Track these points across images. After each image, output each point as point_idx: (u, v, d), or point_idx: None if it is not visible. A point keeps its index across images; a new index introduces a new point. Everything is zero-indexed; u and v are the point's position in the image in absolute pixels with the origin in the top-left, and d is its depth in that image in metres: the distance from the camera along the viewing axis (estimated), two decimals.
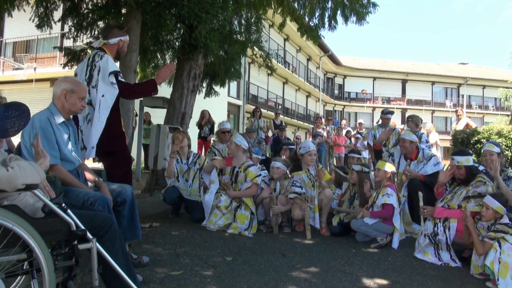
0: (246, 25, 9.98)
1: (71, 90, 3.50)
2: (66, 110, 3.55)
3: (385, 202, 5.26)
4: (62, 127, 3.51)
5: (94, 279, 2.64)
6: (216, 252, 4.62)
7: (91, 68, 4.29)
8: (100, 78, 4.22)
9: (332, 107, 44.83)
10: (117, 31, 4.55)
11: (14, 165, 2.37)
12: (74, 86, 3.54)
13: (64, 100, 3.49)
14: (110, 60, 4.32)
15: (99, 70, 4.24)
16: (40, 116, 3.40)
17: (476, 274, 4.19)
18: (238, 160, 6.10)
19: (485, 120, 42.82)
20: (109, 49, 4.46)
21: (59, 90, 3.49)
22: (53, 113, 3.47)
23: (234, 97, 25.57)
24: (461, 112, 12.95)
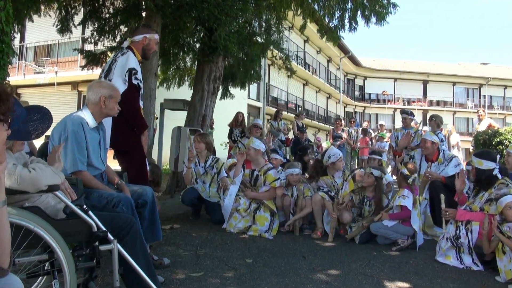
0: (266, 27, 9.99)
1: (109, 96, 3.53)
2: (103, 114, 3.58)
3: (400, 204, 5.21)
4: (94, 131, 3.53)
5: (115, 280, 2.66)
6: (236, 254, 4.62)
7: (111, 63, 4.33)
8: (116, 72, 4.22)
9: (352, 109, 44.59)
10: (142, 29, 4.58)
11: (35, 166, 2.40)
12: (111, 91, 3.57)
13: (104, 106, 3.51)
14: (131, 56, 4.31)
15: (116, 64, 4.24)
16: (73, 119, 3.40)
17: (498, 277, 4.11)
18: (257, 164, 6.10)
19: (507, 121, 42.08)
20: (136, 47, 4.47)
21: (97, 96, 3.50)
22: (86, 117, 3.49)
23: (254, 99, 25.61)
24: (483, 113, 12.78)
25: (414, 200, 5.27)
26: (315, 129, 33.26)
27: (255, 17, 9.52)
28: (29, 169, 2.36)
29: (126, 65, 4.22)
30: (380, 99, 45.81)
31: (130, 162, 4.40)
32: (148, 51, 4.61)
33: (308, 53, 33.25)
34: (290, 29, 25.54)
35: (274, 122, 12.77)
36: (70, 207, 2.56)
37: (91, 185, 3.38)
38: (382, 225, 5.22)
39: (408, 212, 5.17)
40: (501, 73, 46.92)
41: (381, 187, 5.65)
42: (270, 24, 10.02)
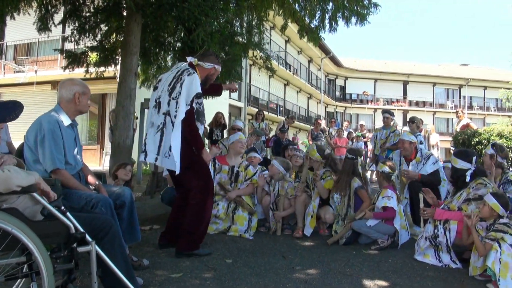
0: (247, 27, 9.98)
1: (83, 93, 3.60)
2: (77, 111, 3.63)
3: (386, 205, 5.24)
4: (69, 129, 3.56)
5: (94, 282, 2.65)
6: (216, 255, 4.62)
7: (176, 81, 4.36)
8: (183, 93, 4.27)
9: (333, 109, 44.81)
10: (213, 59, 4.72)
11: (9, 168, 2.38)
12: (84, 88, 3.63)
13: (78, 103, 3.56)
14: (197, 79, 4.39)
15: (182, 83, 4.30)
16: (49, 118, 3.42)
17: (476, 276, 4.18)
18: (236, 160, 6.13)
19: (487, 121, 42.76)
20: (200, 71, 4.59)
21: (71, 93, 3.55)
22: (60, 116, 3.49)
23: (236, 99, 25.58)
24: (462, 114, 12.94)
25: (398, 199, 5.34)
26: (296, 129, 33.38)
27: (236, 17, 9.50)
28: (2, 169, 2.34)
29: (192, 88, 4.31)
30: (361, 100, 46.15)
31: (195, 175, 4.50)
32: (210, 80, 4.78)
33: (289, 54, 33.33)
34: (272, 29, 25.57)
35: (255, 123, 12.76)
36: (48, 209, 2.54)
37: (70, 185, 3.37)
38: (364, 224, 5.25)
39: (393, 213, 5.21)
40: (481, 74, 47.67)
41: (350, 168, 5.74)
42: (251, 24, 10.01)
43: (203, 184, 4.50)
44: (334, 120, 16.91)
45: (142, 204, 7.08)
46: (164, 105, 4.34)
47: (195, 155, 4.46)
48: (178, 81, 4.33)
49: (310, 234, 5.75)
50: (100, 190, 3.62)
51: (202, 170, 4.55)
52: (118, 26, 8.68)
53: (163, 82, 4.50)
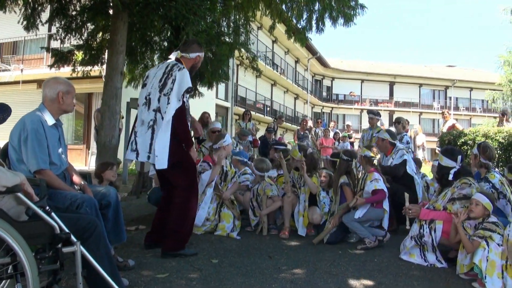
0: (234, 27, 9.97)
1: (67, 92, 3.54)
2: (61, 111, 3.58)
3: (376, 188, 5.27)
4: (53, 129, 3.51)
5: (79, 282, 2.63)
6: (202, 255, 4.61)
7: (167, 77, 4.34)
8: (175, 89, 4.27)
9: (320, 109, 44.95)
10: (196, 47, 4.66)
11: None
12: (68, 87, 3.57)
13: (62, 102, 3.51)
14: (187, 74, 4.37)
15: (174, 80, 4.28)
16: (32, 118, 3.38)
17: (462, 274, 4.23)
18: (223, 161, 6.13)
19: (473, 122, 43.18)
20: (186, 62, 4.55)
21: (54, 92, 3.49)
22: (44, 115, 3.46)
23: (222, 99, 25.55)
24: (447, 114, 13.05)
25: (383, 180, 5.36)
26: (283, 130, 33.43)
27: (223, 16, 9.49)
28: None
29: (184, 83, 4.30)
30: (348, 100, 46.35)
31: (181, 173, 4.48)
32: (195, 69, 4.74)
33: (277, 54, 33.36)
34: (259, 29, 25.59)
35: (242, 123, 12.76)
36: (33, 209, 2.51)
37: (55, 185, 3.34)
38: (353, 217, 5.25)
39: (383, 194, 5.24)
40: (467, 76, 48.17)
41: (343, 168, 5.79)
42: (238, 24, 10.00)
43: (189, 183, 4.51)
44: (321, 121, 16.97)
45: (128, 204, 7.05)
46: (154, 102, 4.33)
47: (184, 153, 4.43)
48: (169, 77, 4.31)
49: (305, 234, 5.81)
50: (85, 190, 3.60)
51: (190, 169, 4.54)
52: (104, 24, 8.63)
53: (151, 78, 4.48)
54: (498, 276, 3.87)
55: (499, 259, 3.94)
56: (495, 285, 3.83)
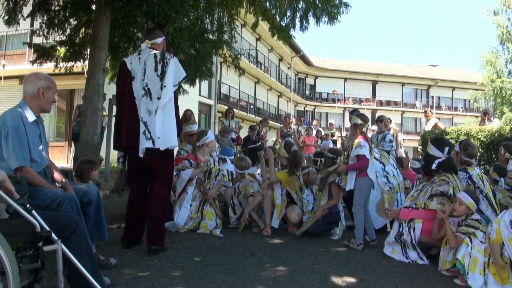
0: (218, 24, 9.94)
1: (47, 87, 3.48)
2: (41, 107, 3.52)
3: (358, 154, 5.22)
4: (34, 125, 3.46)
5: (60, 281, 2.60)
6: (184, 253, 4.61)
7: (162, 65, 4.43)
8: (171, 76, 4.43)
9: (303, 107, 45.07)
10: (159, 32, 4.84)
11: None
12: (49, 82, 3.52)
13: (42, 98, 3.45)
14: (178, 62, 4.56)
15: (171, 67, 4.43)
16: (13, 114, 3.33)
17: (444, 270, 4.29)
18: (206, 158, 6.14)
19: (455, 121, 43.65)
20: (157, 48, 4.64)
21: (35, 88, 3.44)
22: (24, 111, 3.40)
23: (206, 96, 25.45)
24: (430, 113, 13.15)
25: (370, 149, 5.32)
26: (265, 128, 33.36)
27: (207, 13, 9.45)
28: None
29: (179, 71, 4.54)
30: (331, 98, 46.50)
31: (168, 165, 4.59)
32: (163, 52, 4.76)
33: (260, 52, 33.34)
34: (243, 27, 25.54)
35: (225, 120, 12.74)
36: (13, 207, 2.48)
37: (35, 182, 3.30)
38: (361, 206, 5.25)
39: (365, 161, 5.19)
40: (449, 75, 48.62)
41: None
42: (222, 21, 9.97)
43: (171, 177, 4.65)
44: (304, 119, 16.99)
45: (110, 202, 6.99)
46: (157, 91, 4.37)
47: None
48: (166, 65, 4.42)
49: (277, 226, 5.84)
50: (66, 187, 3.56)
51: (172, 161, 4.67)
52: (87, 20, 8.54)
53: (140, 70, 4.46)
54: (480, 272, 3.94)
55: (481, 256, 4.00)
56: (477, 281, 3.89)
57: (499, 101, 28.26)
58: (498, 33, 30.02)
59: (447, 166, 4.86)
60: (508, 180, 5.81)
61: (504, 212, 4.09)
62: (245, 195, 6.10)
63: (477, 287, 3.87)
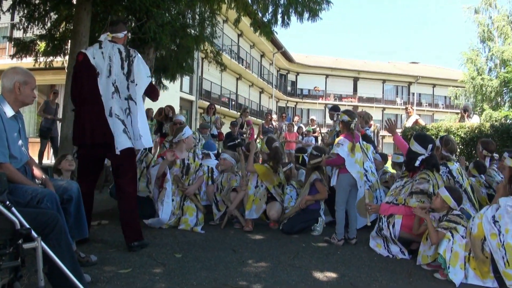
0: (200, 19, 9.91)
1: (24, 82, 3.41)
2: (19, 102, 3.46)
3: (333, 152, 5.34)
4: (12, 121, 3.40)
5: (40, 279, 2.57)
6: (165, 249, 4.59)
7: (128, 63, 4.37)
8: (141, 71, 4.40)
9: (285, 104, 45.15)
10: (123, 26, 4.69)
11: None
12: (26, 77, 3.45)
13: (18, 93, 3.39)
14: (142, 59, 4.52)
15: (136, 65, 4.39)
16: None
17: (424, 265, 4.36)
18: (185, 153, 6.12)
19: (435, 117, 44.18)
20: (118, 42, 4.54)
21: (11, 83, 3.38)
22: (3, 107, 3.35)
23: (187, 92, 25.34)
24: (411, 110, 13.26)
25: (352, 147, 5.28)
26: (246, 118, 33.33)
27: (188, 8, 9.41)
28: None
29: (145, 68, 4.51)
30: (312, 95, 46.68)
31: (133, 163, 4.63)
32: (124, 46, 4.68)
33: (242, 47, 33.28)
34: (224, 23, 25.48)
35: (207, 116, 12.71)
36: None
37: (15, 179, 3.26)
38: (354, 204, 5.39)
39: (340, 159, 5.22)
40: (430, 72, 49.17)
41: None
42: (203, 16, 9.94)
43: (135, 172, 4.69)
44: (285, 115, 17.01)
45: None
46: (124, 90, 4.33)
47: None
48: (131, 63, 4.38)
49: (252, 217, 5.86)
50: (46, 184, 3.52)
51: (134, 158, 4.72)
52: (67, 14, 8.47)
53: (105, 66, 4.36)
54: (460, 267, 4.01)
55: (462, 250, 4.07)
56: (457, 275, 3.96)
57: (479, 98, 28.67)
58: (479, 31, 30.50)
59: (430, 163, 4.91)
60: (486, 177, 5.91)
61: (487, 207, 4.17)
62: (229, 189, 6.10)
63: (458, 281, 3.94)
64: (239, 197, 5.98)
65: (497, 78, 27.79)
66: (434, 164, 4.94)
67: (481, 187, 5.84)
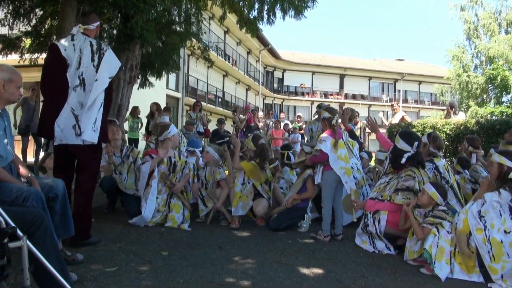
0: (186, 16, 9.88)
1: (9, 80, 3.37)
2: (4, 100, 3.42)
3: (316, 148, 5.36)
4: None
5: (26, 278, 2.56)
6: (152, 247, 4.58)
7: (98, 56, 4.32)
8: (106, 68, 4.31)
9: (271, 101, 45.18)
10: (95, 17, 4.60)
11: None
12: (11, 75, 3.41)
13: (3, 90, 3.35)
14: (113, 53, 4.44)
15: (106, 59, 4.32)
16: None
17: (410, 260, 4.41)
18: (171, 151, 6.10)
19: (421, 114, 44.47)
20: (90, 34, 4.46)
21: None
22: None
23: (173, 89, 25.25)
24: (397, 106, 13.34)
25: (334, 143, 5.29)
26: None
27: (174, 5, 9.38)
28: None
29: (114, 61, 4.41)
30: (298, 92, 46.77)
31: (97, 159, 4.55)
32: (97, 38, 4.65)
33: (228, 44, 33.24)
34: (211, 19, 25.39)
35: (193, 113, 12.70)
36: None
37: (0, 178, 3.23)
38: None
39: (324, 156, 5.25)
40: (416, 69, 49.53)
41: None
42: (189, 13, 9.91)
43: (97, 171, 4.65)
44: (272, 112, 17.04)
45: None
46: (92, 83, 4.27)
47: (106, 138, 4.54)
48: (102, 56, 4.32)
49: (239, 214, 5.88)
50: (32, 182, 3.49)
51: (100, 156, 4.67)
52: (53, 11, 8.40)
53: (75, 58, 4.31)
54: (446, 262, 4.07)
55: (448, 245, 4.13)
56: (443, 270, 4.02)
57: (465, 95, 28.88)
58: (465, 28, 30.73)
59: (415, 160, 4.95)
60: (472, 172, 5.97)
61: (471, 203, 4.22)
62: (213, 183, 6.11)
63: (444, 276, 3.99)
64: (224, 194, 5.99)
65: (483, 75, 28.00)
66: (419, 161, 4.98)
67: (466, 183, 5.90)
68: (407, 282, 3.91)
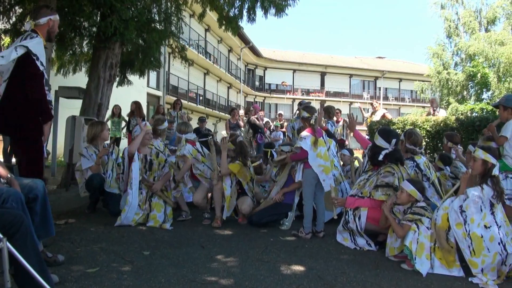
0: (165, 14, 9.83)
1: None
2: None
3: (296, 146, 5.44)
4: None
5: (6, 281, 2.55)
6: (133, 247, 4.57)
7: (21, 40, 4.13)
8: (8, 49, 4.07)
9: (253, 99, 45.17)
10: (45, 10, 4.41)
11: None
12: None
13: None
14: (41, 43, 4.17)
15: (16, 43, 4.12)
16: None
17: (391, 256, 4.48)
18: (146, 149, 6.04)
19: (402, 111, 44.91)
20: (40, 30, 4.28)
21: None
22: None
23: (154, 87, 25.13)
24: (377, 105, 13.44)
25: (314, 141, 5.31)
26: (216, 119, 33.37)
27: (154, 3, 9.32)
28: None
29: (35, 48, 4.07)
30: (280, 90, 46.91)
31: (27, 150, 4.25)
32: (53, 33, 4.47)
33: (209, 42, 33.15)
34: (191, 17, 25.29)
35: (173, 112, 12.65)
36: None
37: None
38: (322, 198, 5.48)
39: (304, 153, 5.28)
40: (396, 67, 49.97)
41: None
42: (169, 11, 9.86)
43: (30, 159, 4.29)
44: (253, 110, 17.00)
45: (57, 198, 6.82)
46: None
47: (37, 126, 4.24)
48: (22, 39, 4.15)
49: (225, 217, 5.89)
50: (12, 183, 3.46)
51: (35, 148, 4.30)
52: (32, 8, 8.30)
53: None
54: (426, 257, 4.13)
55: (428, 241, 4.19)
56: (424, 265, 4.09)
57: (445, 92, 29.26)
58: (446, 26, 31.13)
59: (393, 157, 5.00)
60: (452, 168, 6.06)
61: (452, 199, 4.27)
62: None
63: (424, 271, 4.06)
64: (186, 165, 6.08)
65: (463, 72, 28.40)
66: (398, 158, 5.03)
67: (447, 180, 5.99)
68: (388, 277, 3.95)
